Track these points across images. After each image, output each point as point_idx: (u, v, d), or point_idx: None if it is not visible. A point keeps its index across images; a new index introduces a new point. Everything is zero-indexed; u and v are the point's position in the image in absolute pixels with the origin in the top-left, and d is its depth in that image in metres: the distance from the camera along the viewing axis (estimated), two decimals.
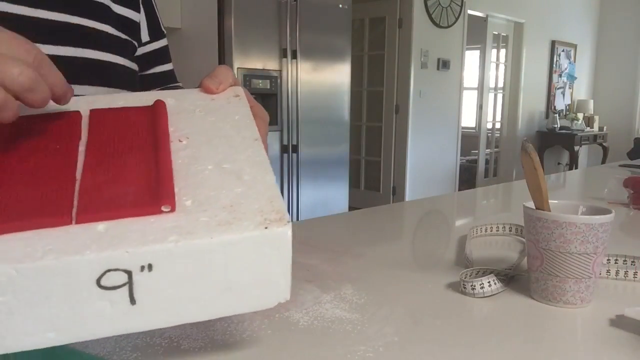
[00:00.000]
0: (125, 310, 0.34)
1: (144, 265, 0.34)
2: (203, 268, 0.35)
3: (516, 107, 6.00)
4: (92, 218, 0.35)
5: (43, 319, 0.34)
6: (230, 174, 0.40)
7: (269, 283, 0.37)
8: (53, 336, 0.34)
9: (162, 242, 0.34)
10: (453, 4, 4.78)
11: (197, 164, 0.40)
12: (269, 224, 0.36)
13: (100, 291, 0.33)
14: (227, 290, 0.36)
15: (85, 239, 0.34)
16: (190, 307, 0.36)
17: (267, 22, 2.95)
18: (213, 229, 0.35)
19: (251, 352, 0.43)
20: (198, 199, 0.37)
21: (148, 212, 0.36)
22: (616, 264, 0.63)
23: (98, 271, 0.33)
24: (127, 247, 0.33)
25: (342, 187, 3.49)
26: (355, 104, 4.62)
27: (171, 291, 0.35)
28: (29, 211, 0.35)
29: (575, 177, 1.64)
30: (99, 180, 0.37)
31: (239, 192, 0.38)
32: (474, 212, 1.13)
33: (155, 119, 0.44)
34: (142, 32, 0.72)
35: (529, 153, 0.53)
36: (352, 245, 0.75)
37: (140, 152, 0.40)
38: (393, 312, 0.52)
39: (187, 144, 0.42)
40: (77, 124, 0.43)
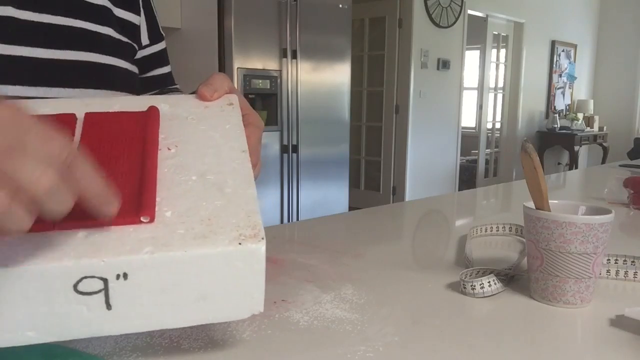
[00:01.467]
0: (101, 314, 0.36)
1: (120, 274, 0.35)
2: (177, 279, 0.36)
3: (516, 107, 6.00)
4: (73, 225, 0.36)
5: (22, 319, 0.35)
6: (212, 186, 0.41)
7: (242, 295, 0.38)
8: (32, 335, 0.36)
9: (137, 252, 0.35)
10: (453, 4, 4.78)
11: (182, 173, 0.41)
12: (244, 239, 0.36)
13: (77, 296, 0.35)
14: (201, 300, 0.37)
15: (64, 245, 0.35)
16: (165, 314, 0.37)
17: (267, 22, 2.95)
18: (188, 242, 0.36)
19: (251, 352, 0.43)
20: (178, 210, 0.38)
21: (128, 222, 0.37)
22: (616, 264, 0.63)
23: (75, 277, 0.34)
24: (103, 256, 0.34)
25: (342, 187, 3.49)
26: (355, 104, 4.62)
27: (146, 299, 0.36)
28: None
29: (575, 177, 1.64)
30: None
31: (218, 205, 0.39)
32: (474, 212, 1.13)
33: (147, 125, 0.44)
34: (142, 35, 0.72)
35: (529, 153, 0.53)
36: (352, 245, 0.75)
37: (128, 160, 0.41)
38: (393, 312, 0.52)
39: (176, 152, 0.43)
40: (72, 127, 0.43)
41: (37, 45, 0.57)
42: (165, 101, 0.48)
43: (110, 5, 0.66)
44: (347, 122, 3.51)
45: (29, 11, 0.57)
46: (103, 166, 0.39)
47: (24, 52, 0.56)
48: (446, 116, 4.99)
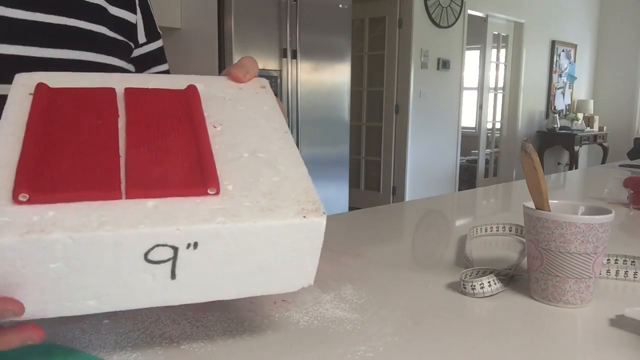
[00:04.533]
0: (164, 283, 0.36)
1: (191, 243, 0.35)
2: (242, 250, 0.37)
3: (516, 107, 5.99)
4: (142, 194, 0.36)
5: (87, 287, 0.35)
6: (265, 163, 0.41)
7: (297, 267, 0.39)
8: (93, 304, 0.36)
9: (210, 222, 0.36)
10: (453, 4, 4.78)
11: (233, 150, 0.42)
12: (307, 213, 0.38)
13: (145, 264, 0.35)
14: (260, 271, 0.38)
15: (137, 213, 0.35)
16: (222, 285, 0.38)
17: (267, 22, 2.95)
18: (256, 213, 0.37)
19: (251, 352, 0.43)
20: (238, 184, 0.39)
21: (195, 193, 0.37)
22: (616, 264, 0.63)
23: (148, 245, 0.35)
24: (178, 224, 0.35)
25: (342, 187, 3.49)
26: (355, 104, 4.62)
27: (208, 269, 0.37)
28: (80, 183, 0.36)
29: (575, 177, 1.64)
30: (144, 159, 0.39)
31: (275, 181, 0.40)
32: (474, 212, 1.13)
33: (189, 103, 0.45)
34: (139, 33, 0.72)
35: (529, 153, 0.53)
36: (352, 245, 0.75)
37: (180, 135, 0.41)
38: (393, 312, 0.51)
39: (222, 131, 0.44)
40: (114, 100, 0.43)
41: (30, 43, 0.57)
42: (199, 81, 0.48)
43: (104, 4, 0.66)
44: (347, 122, 3.50)
45: (21, 10, 0.57)
46: (156, 141, 0.40)
47: (16, 50, 0.56)
48: (446, 116, 4.99)
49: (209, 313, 0.50)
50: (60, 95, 0.43)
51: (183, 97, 0.45)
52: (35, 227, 0.33)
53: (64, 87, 0.44)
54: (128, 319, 0.49)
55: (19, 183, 0.35)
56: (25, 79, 0.44)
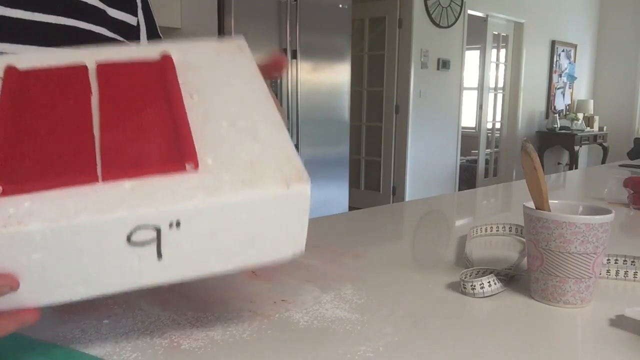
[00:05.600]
0: (151, 264, 0.36)
1: (173, 222, 0.35)
2: (227, 224, 0.36)
3: (516, 107, 5.99)
4: (118, 176, 0.35)
5: (74, 274, 0.35)
6: (245, 132, 0.40)
7: (286, 237, 0.39)
8: (82, 290, 0.36)
9: (190, 199, 0.35)
10: (453, 4, 4.78)
11: (211, 121, 0.41)
12: (290, 182, 0.37)
13: (129, 247, 0.35)
14: (248, 243, 0.38)
15: (114, 197, 0.34)
16: (213, 260, 0.38)
17: (267, 22, 2.95)
18: (237, 187, 0.36)
19: (251, 352, 0.43)
20: (218, 157, 0.38)
21: (173, 170, 0.36)
22: (616, 264, 0.63)
23: (129, 228, 0.34)
24: (156, 205, 0.34)
25: (342, 187, 3.49)
26: (355, 104, 4.62)
27: (196, 246, 0.36)
28: (54, 170, 0.35)
29: (575, 177, 1.64)
30: (119, 138, 0.38)
31: (256, 150, 0.39)
32: (474, 212, 1.13)
33: (164, 74, 0.43)
34: (142, 36, 0.72)
35: (529, 153, 0.53)
36: (352, 245, 0.75)
37: (155, 109, 0.40)
38: (393, 312, 0.51)
39: (199, 101, 0.42)
40: (85, 78, 0.42)
41: (29, 43, 0.57)
42: (174, 48, 0.46)
43: (102, 6, 0.66)
44: (347, 122, 3.51)
45: (20, 9, 0.57)
46: (131, 119, 0.39)
47: (16, 49, 0.56)
48: (446, 116, 4.99)
49: (209, 313, 0.50)
50: (31, 77, 0.41)
51: (157, 69, 0.44)
52: (12, 219, 0.32)
53: (33, 67, 0.42)
54: (128, 319, 0.49)
55: None
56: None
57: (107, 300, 0.53)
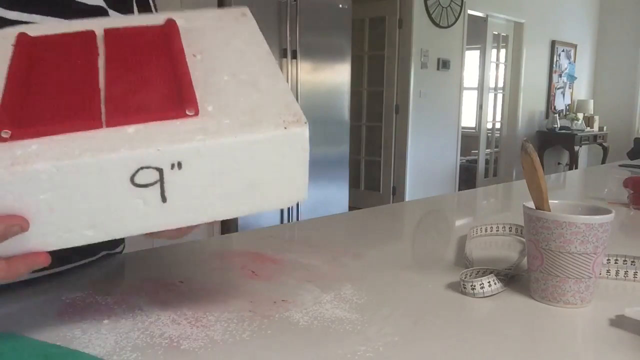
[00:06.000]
0: (157, 207, 0.37)
1: (174, 163, 0.36)
2: (228, 166, 0.38)
3: (516, 107, 6.00)
4: (121, 121, 0.37)
5: (81, 216, 0.36)
6: (246, 83, 0.42)
7: (287, 181, 0.40)
8: (91, 234, 0.37)
9: (190, 141, 0.36)
10: (453, 4, 4.78)
11: (213, 75, 0.42)
12: (288, 124, 0.38)
13: (134, 189, 0.36)
14: (250, 188, 0.39)
15: (117, 140, 0.36)
16: (217, 205, 0.39)
17: (267, 22, 2.95)
18: (237, 129, 0.38)
19: (251, 352, 0.43)
20: (219, 104, 0.39)
21: (174, 116, 0.38)
22: (616, 264, 0.63)
23: (132, 168, 0.36)
24: (158, 145, 0.36)
25: (342, 187, 3.49)
26: (355, 104, 4.62)
27: (199, 189, 0.38)
28: (60, 116, 0.37)
29: (575, 177, 1.64)
30: (123, 89, 0.39)
31: (256, 99, 0.40)
32: (474, 212, 1.13)
33: (168, 36, 0.45)
34: None
35: (529, 153, 0.53)
36: (352, 245, 0.75)
37: (159, 65, 0.42)
38: (393, 312, 0.51)
39: (202, 58, 0.44)
40: (93, 41, 0.44)
41: None
42: (179, 16, 0.48)
43: (106, 6, 0.65)
44: (347, 122, 3.51)
45: (19, 12, 0.56)
46: (134, 72, 0.41)
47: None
48: (446, 116, 4.99)
49: (208, 313, 0.50)
50: (41, 42, 0.43)
51: (162, 31, 0.46)
52: (20, 159, 0.34)
53: (45, 34, 0.45)
54: (128, 319, 0.49)
55: (1, 121, 0.36)
56: (7, 31, 0.45)
57: (107, 300, 0.53)
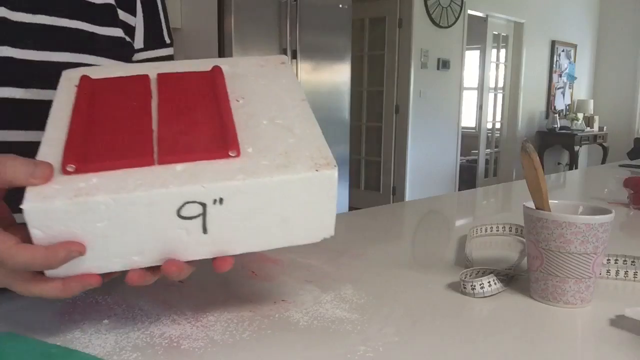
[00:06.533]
0: (197, 238, 0.41)
1: (216, 199, 0.40)
2: (263, 203, 0.42)
3: (516, 107, 5.99)
4: (171, 160, 0.41)
5: (131, 244, 0.40)
6: (282, 128, 0.46)
7: (316, 219, 0.44)
8: (138, 259, 0.41)
9: (231, 179, 0.40)
10: (453, 4, 4.78)
11: (253, 119, 0.47)
12: (319, 167, 0.42)
13: (179, 220, 0.40)
14: (282, 224, 0.43)
15: (167, 176, 0.40)
16: (251, 238, 0.43)
17: (267, 22, 2.95)
18: (273, 170, 0.42)
19: (251, 352, 0.43)
20: (257, 147, 0.44)
21: (218, 156, 0.42)
22: (616, 264, 0.63)
23: (179, 202, 0.40)
24: (203, 183, 0.40)
25: (342, 187, 3.49)
26: (355, 104, 4.62)
27: (237, 223, 0.41)
28: (118, 154, 0.41)
29: (575, 177, 1.64)
30: (174, 131, 0.44)
31: (291, 142, 0.45)
32: (474, 212, 1.13)
33: (214, 81, 0.50)
34: (137, 38, 0.69)
35: (529, 153, 0.53)
36: (352, 245, 0.75)
37: (205, 109, 0.47)
38: (393, 312, 0.52)
39: (243, 103, 0.48)
40: (147, 85, 0.49)
41: (29, 47, 0.56)
42: (224, 62, 0.53)
43: (114, 3, 0.64)
44: (347, 122, 3.50)
45: (23, 12, 0.55)
46: (184, 116, 0.46)
47: (15, 53, 0.55)
48: (446, 116, 4.99)
49: (209, 313, 0.50)
50: (101, 84, 0.49)
51: (209, 77, 0.50)
52: (82, 191, 0.38)
53: (104, 77, 0.50)
54: (128, 319, 0.49)
55: (66, 156, 0.40)
56: (71, 73, 0.50)
57: (107, 300, 0.53)
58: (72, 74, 0.50)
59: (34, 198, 0.38)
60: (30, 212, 0.38)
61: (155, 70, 0.51)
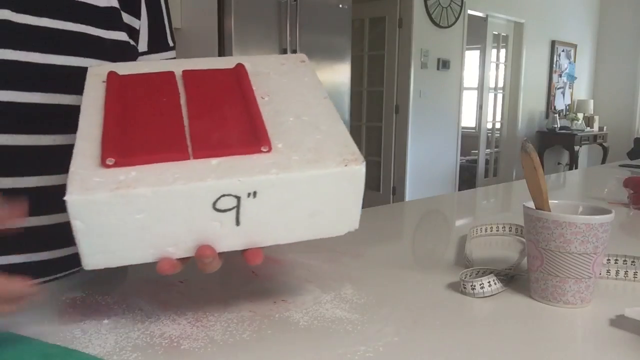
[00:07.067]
0: (231, 230, 0.42)
1: (251, 192, 0.41)
2: (294, 196, 0.43)
3: (516, 107, 5.99)
4: (206, 154, 0.43)
5: (166, 235, 0.41)
6: (309, 124, 0.47)
7: (343, 213, 0.45)
8: (172, 250, 0.42)
9: (266, 173, 0.42)
10: (453, 4, 4.78)
11: (280, 116, 0.48)
12: (348, 162, 0.44)
13: (214, 213, 0.41)
14: (311, 217, 0.44)
15: (204, 170, 0.41)
16: (281, 230, 0.44)
17: (267, 22, 2.95)
18: (304, 165, 0.43)
19: (251, 352, 0.43)
20: (287, 143, 0.45)
21: (251, 151, 0.43)
22: (616, 264, 0.63)
23: (215, 195, 0.41)
24: (239, 177, 0.41)
25: None
26: (355, 104, 4.61)
27: (268, 215, 0.43)
28: (154, 148, 0.42)
29: (575, 177, 1.64)
30: (205, 126, 0.45)
31: (319, 138, 0.46)
32: (474, 212, 1.13)
33: (239, 79, 0.50)
34: (141, 41, 0.68)
35: (529, 153, 0.53)
36: (352, 245, 0.75)
37: (233, 105, 0.48)
38: (393, 312, 0.52)
39: (269, 100, 0.49)
40: (174, 82, 0.50)
41: (33, 49, 0.55)
42: (246, 60, 0.54)
43: (118, 6, 0.63)
44: (347, 122, 3.50)
45: (27, 15, 0.54)
46: (213, 113, 0.47)
47: (18, 56, 0.54)
48: (446, 116, 4.99)
49: (209, 313, 0.50)
50: (129, 80, 0.49)
51: (233, 75, 0.51)
52: (122, 184, 0.40)
53: (130, 73, 0.50)
54: (128, 319, 0.49)
55: (105, 150, 0.41)
56: (97, 70, 0.51)
57: (107, 300, 0.53)
58: (97, 70, 0.51)
59: (77, 190, 0.39)
60: (73, 203, 0.38)
61: (179, 67, 0.52)
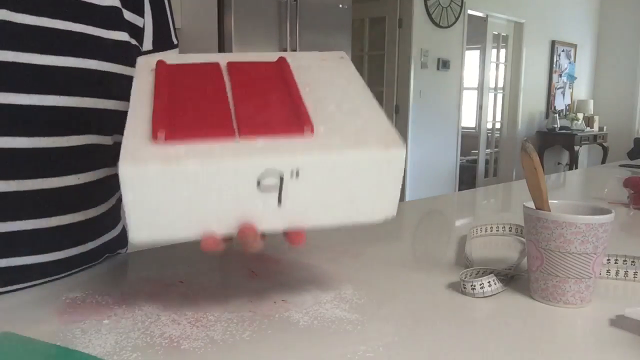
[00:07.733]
0: (272, 209, 0.43)
1: (293, 171, 0.42)
2: (335, 178, 0.44)
3: (516, 107, 5.99)
4: (252, 132, 0.44)
5: (211, 211, 0.42)
6: (350, 112, 0.49)
7: (382, 197, 0.46)
8: (215, 226, 0.43)
9: (309, 153, 0.43)
10: (453, 4, 4.78)
11: (321, 104, 0.49)
12: (389, 146, 0.44)
13: (258, 192, 0.42)
14: (350, 201, 0.45)
15: (250, 148, 0.42)
16: (320, 213, 0.45)
17: (267, 22, 2.95)
18: (346, 147, 0.44)
19: (251, 352, 0.43)
20: (329, 127, 0.46)
21: (294, 132, 0.44)
22: (616, 264, 0.63)
23: (260, 172, 0.42)
24: (283, 155, 0.42)
25: None
26: None
27: (308, 197, 0.44)
28: (202, 127, 0.44)
29: (575, 177, 1.64)
30: (249, 110, 0.46)
31: (360, 124, 0.47)
32: (474, 212, 1.13)
33: (282, 70, 0.52)
34: (146, 39, 0.67)
35: (529, 153, 0.53)
36: (352, 245, 0.75)
37: (277, 92, 0.49)
38: (393, 312, 0.52)
39: (310, 90, 0.50)
40: (220, 72, 0.52)
41: (32, 50, 0.54)
42: (287, 55, 0.55)
43: (120, 6, 0.62)
44: None
45: (26, 14, 0.53)
46: (257, 98, 0.49)
47: (17, 57, 0.53)
48: (446, 116, 4.99)
49: (209, 313, 0.50)
50: (177, 68, 0.51)
51: (276, 66, 0.53)
52: (173, 157, 0.41)
53: (177, 63, 0.52)
54: (128, 319, 0.49)
55: (156, 126, 0.43)
56: (146, 59, 0.54)
57: (107, 300, 0.53)
58: (147, 59, 0.54)
59: (129, 162, 0.40)
60: (125, 175, 0.40)
61: (224, 59, 0.54)
